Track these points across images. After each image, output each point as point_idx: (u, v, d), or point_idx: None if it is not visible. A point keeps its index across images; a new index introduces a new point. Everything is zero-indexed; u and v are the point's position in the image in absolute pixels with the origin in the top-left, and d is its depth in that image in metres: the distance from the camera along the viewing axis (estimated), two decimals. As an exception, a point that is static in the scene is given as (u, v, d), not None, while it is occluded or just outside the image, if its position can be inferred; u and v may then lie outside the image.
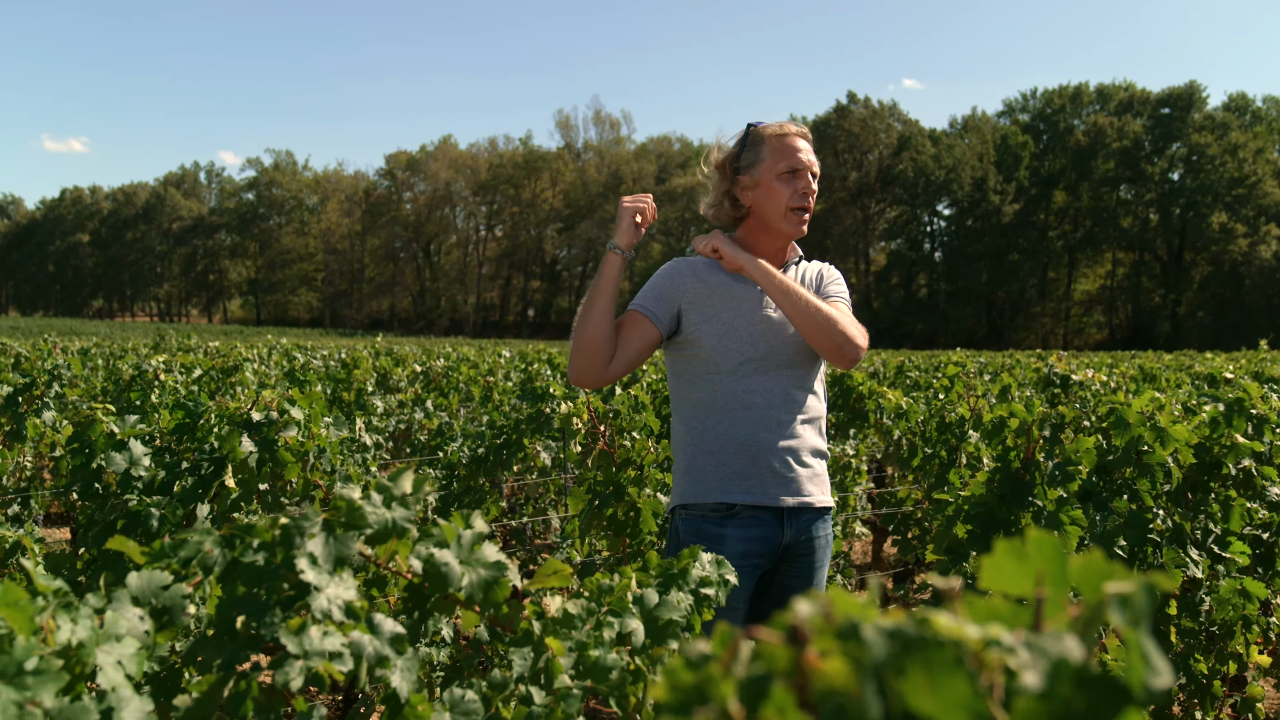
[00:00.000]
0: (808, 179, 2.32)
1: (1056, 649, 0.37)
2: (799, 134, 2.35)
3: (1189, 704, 2.90)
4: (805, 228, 2.35)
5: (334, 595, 0.86)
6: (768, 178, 2.31)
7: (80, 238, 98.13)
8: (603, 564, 3.93)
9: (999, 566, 0.42)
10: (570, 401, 3.78)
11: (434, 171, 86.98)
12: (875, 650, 0.36)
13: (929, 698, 0.36)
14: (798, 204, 2.31)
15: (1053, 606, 0.41)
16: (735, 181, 2.36)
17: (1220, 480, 2.83)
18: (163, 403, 4.55)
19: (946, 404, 4.88)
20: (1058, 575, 0.41)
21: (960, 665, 0.36)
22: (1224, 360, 15.83)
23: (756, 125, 2.37)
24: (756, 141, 2.34)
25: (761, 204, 2.33)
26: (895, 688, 0.36)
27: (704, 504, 2.27)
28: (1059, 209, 72.41)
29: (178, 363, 6.76)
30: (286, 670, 0.85)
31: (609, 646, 0.95)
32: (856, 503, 5.73)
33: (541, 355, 12.98)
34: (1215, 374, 6.66)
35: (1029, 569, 0.41)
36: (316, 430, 2.50)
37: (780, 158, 2.31)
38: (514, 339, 67.13)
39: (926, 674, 0.36)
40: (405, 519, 0.93)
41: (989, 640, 0.38)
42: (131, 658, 0.84)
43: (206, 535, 0.91)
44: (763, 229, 2.36)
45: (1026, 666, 0.37)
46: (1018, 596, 0.42)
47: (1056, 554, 0.41)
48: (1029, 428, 2.52)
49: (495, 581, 0.96)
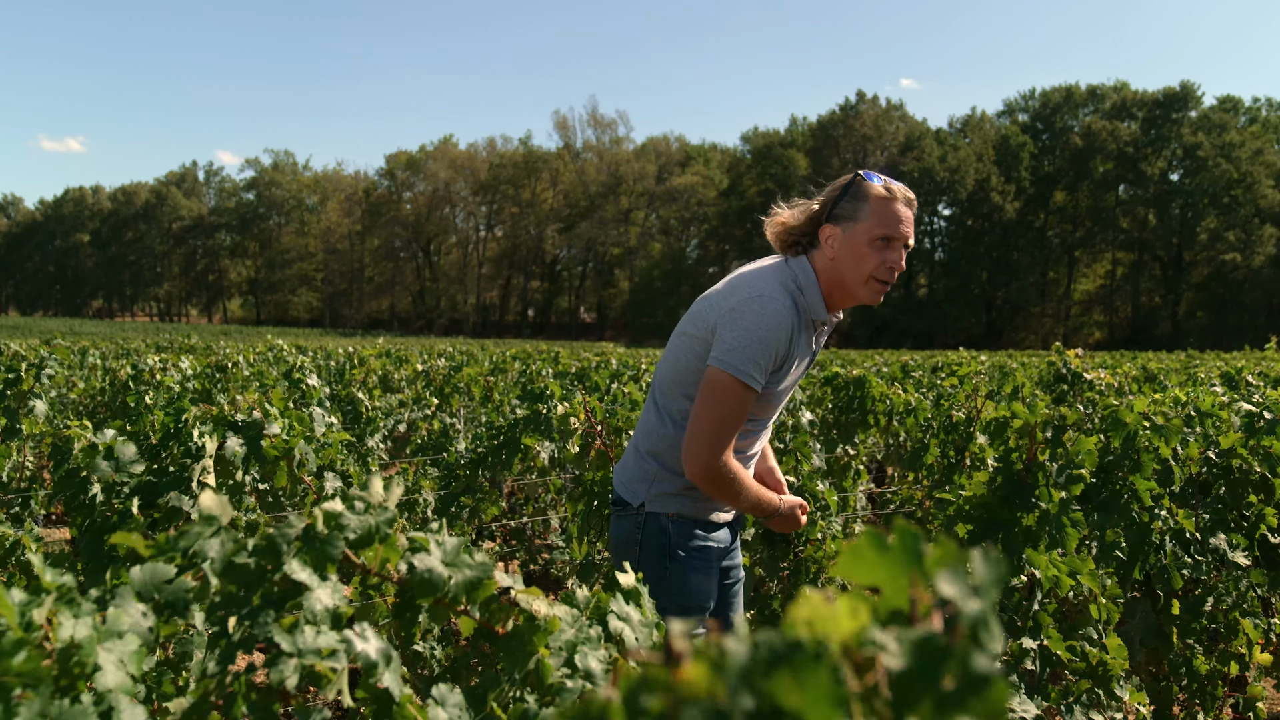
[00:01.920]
0: (900, 251, 2.21)
1: (924, 634, 0.41)
2: (904, 201, 2.22)
3: (1190, 704, 2.90)
4: (881, 299, 2.26)
5: (323, 600, 0.86)
6: (861, 239, 2.19)
7: (80, 238, 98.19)
8: (603, 564, 3.92)
9: (859, 555, 0.44)
10: (567, 402, 3.77)
11: (434, 171, 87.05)
12: (737, 658, 0.40)
13: (796, 694, 0.40)
14: (883, 276, 2.21)
15: (900, 596, 0.44)
16: (825, 223, 2.25)
17: (1232, 485, 2.83)
18: (156, 404, 4.54)
19: (954, 403, 4.88)
20: (914, 565, 0.44)
21: (819, 660, 0.40)
22: (1229, 360, 15.82)
23: (866, 178, 2.24)
24: (860, 195, 2.21)
25: (846, 262, 2.21)
26: (762, 688, 0.40)
27: (702, 519, 2.39)
28: (1058, 209, 72.47)
29: (173, 363, 6.75)
30: (281, 669, 0.84)
31: (596, 642, 0.97)
32: (856, 503, 5.72)
33: (543, 355, 12.97)
34: (1232, 374, 6.59)
35: (887, 559, 0.44)
36: (300, 430, 2.49)
37: (879, 223, 2.18)
38: (514, 339, 67.14)
39: (793, 673, 0.40)
40: (386, 522, 0.93)
41: (858, 635, 0.42)
42: (133, 655, 0.83)
43: (208, 524, 0.91)
44: (838, 287, 2.25)
45: (891, 657, 0.41)
46: (871, 587, 0.45)
47: (916, 545, 0.44)
48: (1032, 429, 2.51)
49: (479, 582, 0.98)
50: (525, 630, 0.97)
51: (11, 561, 2.60)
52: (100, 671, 0.78)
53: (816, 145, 75.53)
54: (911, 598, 0.43)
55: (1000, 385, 7.63)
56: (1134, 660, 2.78)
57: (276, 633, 0.84)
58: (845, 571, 0.44)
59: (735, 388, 2.13)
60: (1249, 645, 2.85)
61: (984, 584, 0.43)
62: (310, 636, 0.85)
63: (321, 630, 0.85)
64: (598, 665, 0.97)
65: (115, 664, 0.79)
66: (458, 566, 0.97)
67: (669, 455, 2.35)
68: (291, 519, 0.90)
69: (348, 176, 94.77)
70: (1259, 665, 3.01)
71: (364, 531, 0.92)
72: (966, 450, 4.51)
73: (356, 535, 0.92)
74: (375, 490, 0.95)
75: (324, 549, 0.88)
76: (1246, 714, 3.07)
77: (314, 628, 0.85)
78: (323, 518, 0.90)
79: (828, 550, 4.03)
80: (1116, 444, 2.65)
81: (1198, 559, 2.71)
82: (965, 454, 4.52)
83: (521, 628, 0.97)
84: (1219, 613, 2.81)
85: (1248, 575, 2.77)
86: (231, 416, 2.34)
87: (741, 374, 2.12)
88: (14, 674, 0.69)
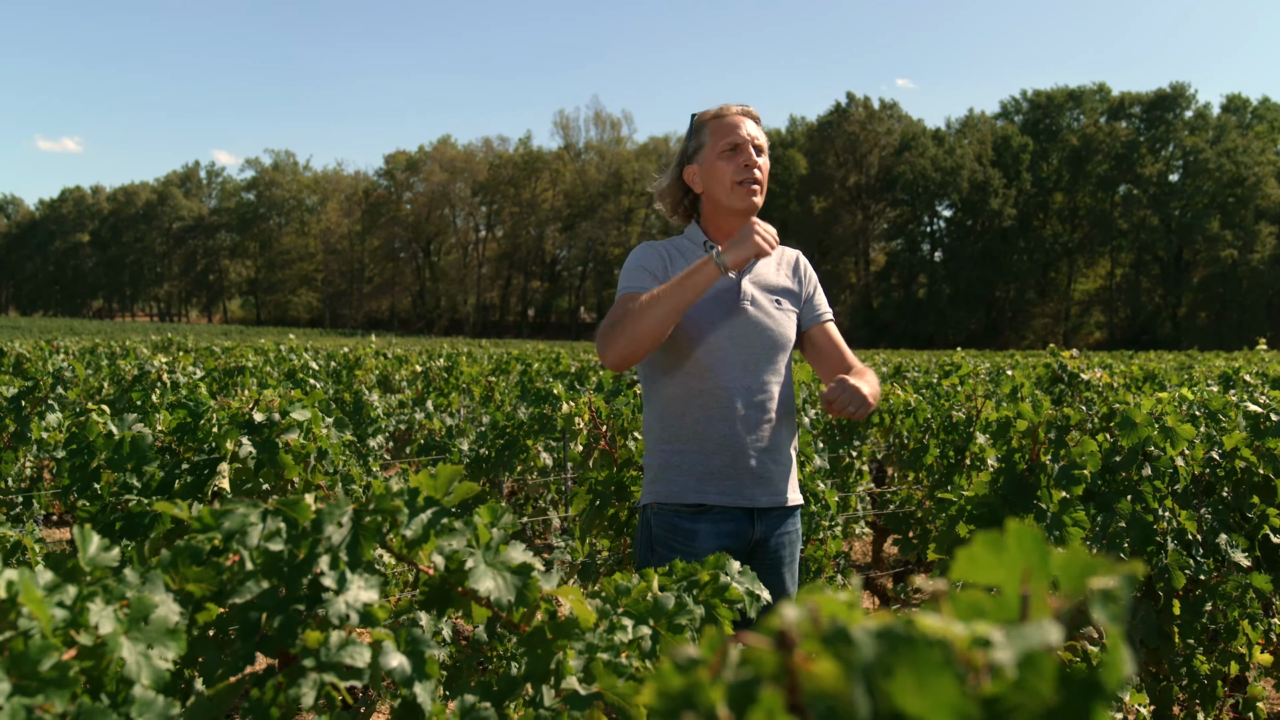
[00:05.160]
0: (749, 152, 2.30)
1: (1035, 638, 0.37)
2: (739, 112, 2.35)
3: (1190, 704, 2.90)
4: (758, 199, 2.32)
5: (353, 598, 0.84)
6: (710, 159, 2.32)
7: (80, 238, 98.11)
8: (603, 564, 3.93)
9: (975, 558, 0.42)
10: (572, 402, 3.77)
11: (433, 172, 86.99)
12: (864, 652, 0.37)
13: (917, 698, 0.36)
14: (741, 177, 2.29)
15: (1033, 600, 0.41)
16: (686, 168, 2.39)
17: (1235, 486, 2.83)
18: (164, 403, 4.54)
19: (954, 403, 4.88)
20: (1039, 568, 0.41)
21: (948, 665, 0.36)
22: (1228, 360, 15.81)
23: (698, 113, 2.40)
24: (698, 127, 2.37)
25: (710, 185, 2.34)
26: (883, 689, 0.36)
27: (678, 503, 2.25)
28: (1058, 209, 72.44)
29: (180, 363, 6.75)
30: (299, 685, 0.83)
31: (618, 650, 0.94)
32: (857, 503, 5.72)
33: (544, 355, 12.96)
34: (1230, 374, 6.58)
35: (1006, 561, 0.42)
36: (318, 431, 2.49)
37: (720, 137, 2.31)
38: (514, 339, 67.10)
39: (914, 674, 0.36)
40: (443, 515, 0.90)
41: (976, 639, 0.38)
42: (164, 645, 0.80)
43: (253, 508, 0.88)
44: (717, 209, 2.37)
45: (1004, 657, 0.37)
46: (991, 587, 0.42)
47: (1039, 547, 0.41)
48: (1035, 429, 2.52)
49: (525, 585, 0.93)
50: (566, 626, 0.93)
51: (13, 562, 2.61)
52: (125, 665, 0.75)
53: (813, 147, 75.49)
54: (1023, 595, 0.41)
55: (997, 385, 7.63)
56: (1135, 660, 2.78)
57: (304, 634, 0.82)
58: (963, 573, 0.42)
59: (623, 298, 2.26)
60: (1249, 645, 2.86)
61: (1119, 607, 0.39)
62: (335, 645, 0.82)
63: (352, 640, 0.83)
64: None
65: (140, 657, 0.76)
66: (498, 566, 0.92)
67: (647, 438, 2.38)
68: (340, 500, 0.88)
69: (347, 177, 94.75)
70: (1259, 665, 3.02)
71: (419, 528, 0.89)
72: (966, 450, 4.51)
73: (413, 534, 0.89)
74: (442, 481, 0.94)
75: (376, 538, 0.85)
76: (1246, 714, 3.08)
77: (340, 633, 0.83)
78: (377, 503, 0.88)
79: (828, 550, 4.03)
80: (1126, 444, 2.65)
81: (1200, 560, 2.72)
82: (965, 454, 4.52)
83: (541, 628, 0.94)
84: (1220, 613, 2.82)
85: (1249, 577, 2.78)
86: (248, 416, 2.33)
87: (624, 288, 2.30)
88: (39, 680, 0.67)
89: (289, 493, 2.66)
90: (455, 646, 1.86)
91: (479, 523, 0.93)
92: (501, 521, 0.96)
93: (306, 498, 0.86)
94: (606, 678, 0.92)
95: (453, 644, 1.77)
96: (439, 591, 0.95)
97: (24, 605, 0.69)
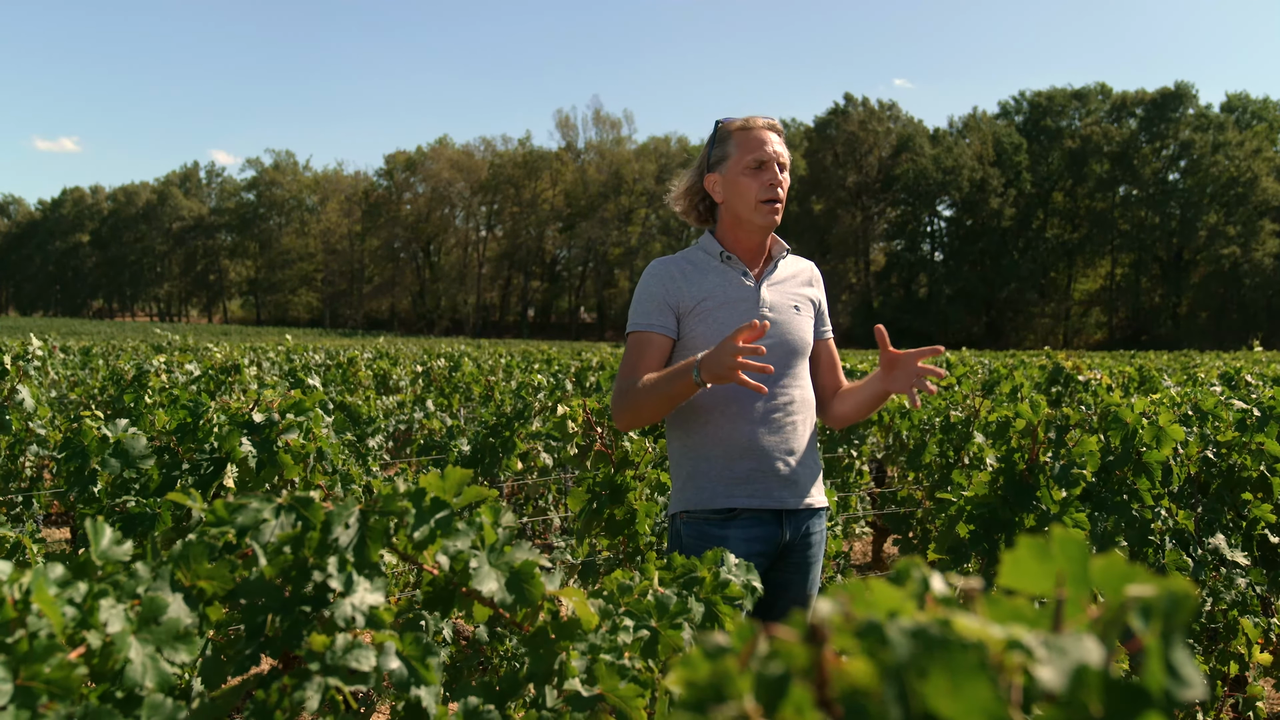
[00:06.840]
0: (774, 170, 2.31)
1: (1078, 652, 0.37)
2: (766, 126, 2.34)
3: (1189, 704, 2.91)
4: (778, 218, 2.34)
5: (359, 601, 0.84)
6: (734, 172, 2.31)
7: (80, 238, 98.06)
8: (603, 564, 3.93)
9: (1020, 564, 0.41)
10: (565, 405, 3.78)
11: (433, 172, 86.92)
12: (899, 651, 0.36)
13: (951, 700, 0.35)
14: (766, 196, 2.30)
15: (1073, 608, 0.40)
16: (707, 176, 2.38)
17: (1229, 483, 2.84)
18: (157, 403, 4.54)
19: (951, 404, 4.88)
20: (1079, 576, 0.40)
21: (983, 668, 0.35)
22: (1228, 360, 15.81)
23: (724, 121, 2.37)
24: (724, 137, 2.35)
25: (732, 199, 2.34)
26: (916, 689, 0.35)
27: (707, 509, 2.27)
28: (1058, 209, 72.40)
29: (178, 362, 6.76)
30: (304, 689, 0.82)
31: (621, 652, 0.94)
32: (858, 503, 5.72)
33: (543, 355, 12.97)
34: (1232, 374, 6.58)
35: (1051, 568, 0.41)
36: (318, 431, 2.49)
37: (746, 151, 2.30)
38: (514, 339, 67.09)
39: (949, 676, 0.35)
40: (450, 517, 0.90)
41: (1011, 642, 0.37)
42: (174, 650, 0.79)
43: (266, 503, 0.88)
44: (737, 224, 2.37)
45: (1047, 670, 0.36)
46: (1037, 596, 0.41)
47: (1081, 554, 0.41)
48: (1035, 429, 2.52)
49: (528, 586, 0.93)
50: (568, 626, 0.93)
51: (14, 562, 2.60)
52: (130, 665, 0.74)
53: (812, 148, 75.45)
54: (1057, 601, 0.40)
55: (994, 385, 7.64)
56: (1134, 659, 2.78)
57: (310, 637, 0.82)
58: (1009, 580, 0.42)
59: (632, 339, 2.32)
60: (1249, 645, 2.86)
61: (1159, 616, 0.38)
62: (341, 648, 0.82)
63: (358, 644, 0.82)
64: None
65: (149, 657, 0.75)
66: (500, 566, 0.92)
67: (672, 447, 2.39)
68: (348, 501, 0.87)
69: (347, 177, 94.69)
70: (1259, 665, 3.02)
71: (428, 530, 0.89)
72: (964, 450, 4.52)
73: (422, 536, 0.89)
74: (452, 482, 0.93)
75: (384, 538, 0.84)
76: (1246, 714, 3.08)
77: (345, 636, 0.82)
78: (383, 503, 0.87)
79: (828, 550, 4.03)
80: (1116, 443, 2.66)
81: (1198, 559, 2.72)
82: (963, 453, 4.53)
83: (544, 628, 0.94)
84: (1218, 612, 2.83)
85: (1247, 575, 2.79)
86: (248, 416, 2.33)
87: (633, 326, 2.33)
88: (43, 680, 0.66)
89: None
90: (455, 647, 1.87)
91: (484, 523, 0.93)
92: (502, 521, 0.96)
93: (313, 494, 0.85)
94: (609, 679, 0.91)
95: (453, 644, 1.77)
96: (443, 592, 0.95)
97: (35, 604, 0.69)
